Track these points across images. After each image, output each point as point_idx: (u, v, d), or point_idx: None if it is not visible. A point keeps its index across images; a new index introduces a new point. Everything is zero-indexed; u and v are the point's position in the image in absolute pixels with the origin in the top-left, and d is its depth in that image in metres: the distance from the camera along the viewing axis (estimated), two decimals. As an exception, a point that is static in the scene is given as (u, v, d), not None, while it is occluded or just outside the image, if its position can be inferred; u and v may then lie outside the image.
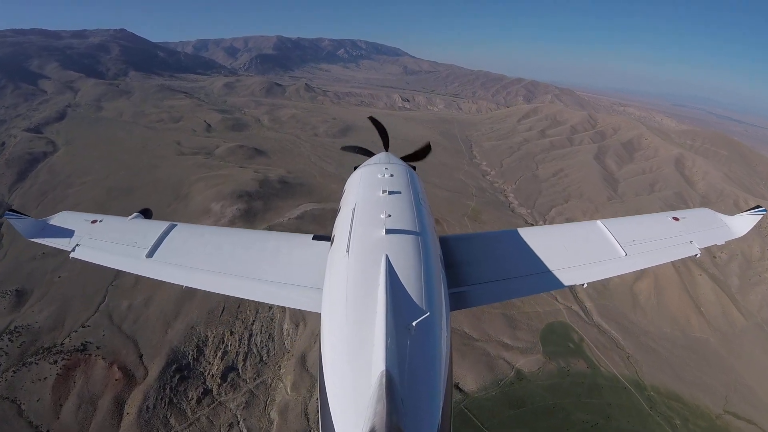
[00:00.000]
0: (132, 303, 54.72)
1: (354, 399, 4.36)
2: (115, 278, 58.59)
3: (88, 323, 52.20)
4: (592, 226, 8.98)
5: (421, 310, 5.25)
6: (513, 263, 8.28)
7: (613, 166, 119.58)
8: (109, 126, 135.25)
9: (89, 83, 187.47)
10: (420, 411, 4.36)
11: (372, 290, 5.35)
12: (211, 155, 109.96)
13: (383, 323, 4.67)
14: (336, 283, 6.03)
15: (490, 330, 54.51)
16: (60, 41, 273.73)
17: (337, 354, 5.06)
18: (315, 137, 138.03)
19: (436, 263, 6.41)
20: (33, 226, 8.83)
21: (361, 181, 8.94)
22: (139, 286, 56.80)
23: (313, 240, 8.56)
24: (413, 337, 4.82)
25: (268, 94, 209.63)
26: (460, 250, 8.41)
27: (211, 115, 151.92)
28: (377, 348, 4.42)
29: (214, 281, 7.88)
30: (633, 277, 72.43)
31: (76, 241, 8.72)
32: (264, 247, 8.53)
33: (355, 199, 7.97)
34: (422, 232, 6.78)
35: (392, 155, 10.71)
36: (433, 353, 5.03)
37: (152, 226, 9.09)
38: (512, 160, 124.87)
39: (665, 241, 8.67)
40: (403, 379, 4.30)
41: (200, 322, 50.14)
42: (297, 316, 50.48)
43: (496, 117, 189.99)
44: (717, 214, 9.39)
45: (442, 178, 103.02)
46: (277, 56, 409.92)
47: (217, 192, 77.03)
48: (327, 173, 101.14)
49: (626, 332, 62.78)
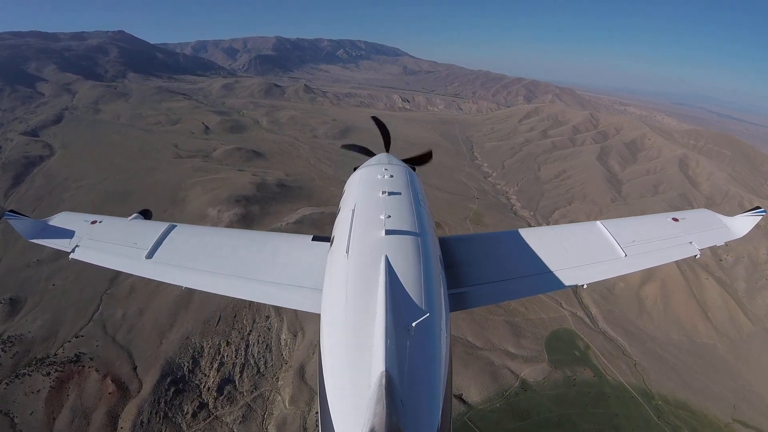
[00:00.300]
0: (126, 312, 53.47)
1: (354, 400, 4.34)
2: (110, 286, 57.40)
3: (81, 333, 50.95)
4: (591, 227, 9.03)
5: (421, 311, 5.24)
6: (512, 264, 8.33)
7: (616, 167, 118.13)
8: (106, 129, 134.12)
9: (87, 85, 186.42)
10: (420, 412, 4.36)
11: (372, 291, 5.34)
12: (208, 158, 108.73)
13: (383, 324, 4.65)
14: (335, 283, 6.05)
15: (493, 338, 53.20)
16: (58, 43, 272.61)
17: (336, 355, 5.05)
18: (314, 139, 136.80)
19: (435, 264, 6.42)
20: (33, 226, 8.85)
21: (361, 181, 8.91)
22: (134, 295, 55.59)
23: (312, 241, 8.56)
24: (413, 337, 4.81)
25: (266, 95, 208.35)
26: (459, 250, 8.43)
27: (209, 117, 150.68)
28: (377, 349, 4.41)
29: (213, 282, 7.86)
30: (639, 281, 71.15)
31: (76, 241, 8.73)
32: (264, 247, 8.54)
33: (355, 199, 7.98)
34: (422, 233, 6.78)
35: (392, 156, 10.68)
36: (433, 354, 5.03)
37: (152, 226, 9.14)
38: (514, 162, 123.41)
39: (665, 242, 8.70)
40: (403, 379, 4.28)
41: (196, 332, 48.85)
42: (295, 326, 49.19)
43: (497, 117, 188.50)
44: (716, 215, 9.45)
45: (442, 179, 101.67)
46: (277, 57, 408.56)
47: (213, 196, 75.78)
48: (326, 176, 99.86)
49: (633, 338, 61.45)
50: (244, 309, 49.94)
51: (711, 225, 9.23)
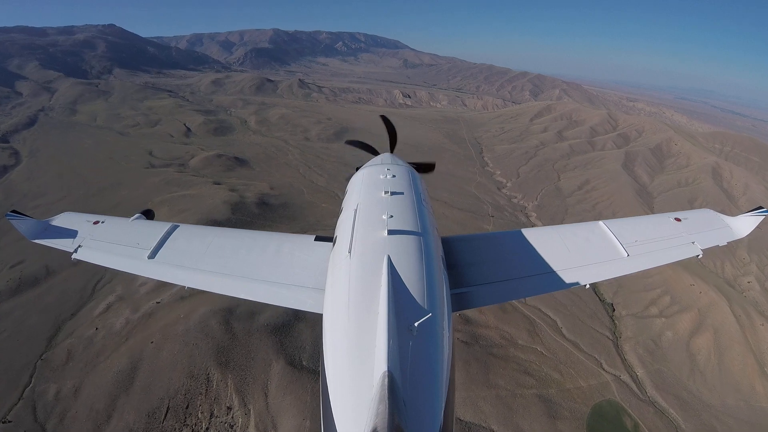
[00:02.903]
0: (61, 389, 40.93)
1: (356, 399, 4.35)
2: (47, 348, 45.40)
3: (9, 417, 38.80)
4: (594, 227, 9.05)
5: (423, 311, 5.26)
6: (515, 264, 8.30)
7: (644, 177, 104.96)
8: (80, 132, 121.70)
9: (67, 83, 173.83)
10: (422, 411, 4.37)
11: (374, 291, 5.39)
12: (184, 167, 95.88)
13: (385, 324, 4.68)
14: (338, 283, 6.07)
15: (523, 423, 41.01)
16: (44, 39, 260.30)
17: (339, 354, 5.05)
18: (306, 142, 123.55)
19: (438, 264, 6.49)
20: (35, 227, 8.86)
21: (364, 181, 9.07)
22: (71, 364, 43.25)
23: (315, 241, 8.57)
24: (415, 337, 4.83)
25: (258, 91, 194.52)
26: (461, 250, 8.43)
27: (193, 117, 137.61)
28: (379, 349, 4.44)
29: (216, 282, 7.84)
30: (689, 330, 58.87)
31: (79, 242, 8.76)
32: (266, 247, 8.49)
33: (358, 199, 8.11)
34: (424, 233, 6.89)
35: (395, 156, 10.96)
36: (435, 354, 5.02)
37: (154, 227, 9.17)
38: (530, 169, 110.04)
39: (667, 242, 8.65)
40: (405, 379, 4.30)
41: (138, 428, 36.55)
42: (265, 421, 36.78)
43: (505, 115, 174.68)
44: (719, 215, 9.40)
45: (452, 193, 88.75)
46: (273, 50, 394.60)
47: (180, 220, 63.08)
48: (317, 188, 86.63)
49: (686, 408, 49.15)
50: (199, 397, 37.61)
51: (713, 225, 9.12)
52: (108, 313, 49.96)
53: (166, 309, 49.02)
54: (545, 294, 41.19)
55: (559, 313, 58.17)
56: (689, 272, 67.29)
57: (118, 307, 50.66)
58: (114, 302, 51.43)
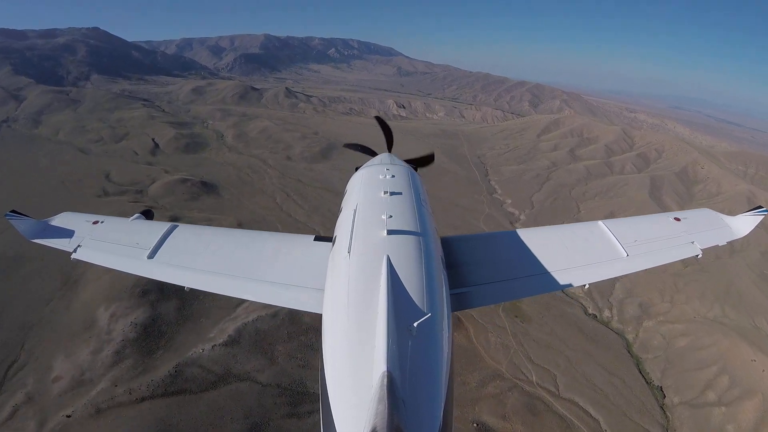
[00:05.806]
0: None
1: (355, 399, 4.29)
2: None
3: None
4: (593, 227, 8.96)
5: (423, 311, 5.18)
6: (514, 264, 8.19)
7: (674, 207, 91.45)
8: (38, 149, 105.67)
9: (36, 91, 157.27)
10: (421, 412, 4.29)
11: (373, 291, 5.30)
12: (141, 194, 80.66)
13: (384, 324, 4.61)
14: (337, 283, 6.03)
15: None
16: (22, 42, 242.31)
17: (338, 354, 4.99)
18: (287, 162, 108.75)
19: (437, 264, 6.42)
20: (34, 226, 8.79)
21: (363, 181, 9.04)
22: None
23: (314, 241, 8.51)
24: (414, 337, 4.74)
25: (241, 100, 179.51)
26: (461, 250, 8.33)
27: (164, 131, 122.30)
28: (378, 349, 4.38)
29: (215, 282, 7.74)
30: (753, 422, 45.70)
31: (78, 241, 8.69)
32: (266, 247, 8.44)
33: (357, 200, 8.06)
34: (423, 233, 6.81)
35: (394, 156, 10.81)
36: (435, 354, 4.95)
37: (154, 227, 9.07)
38: (545, 197, 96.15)
39: (667, 242, 8.55)
40: (405, 379, 4.25)
41: None
42: None
43: (509, 129, 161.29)
44: (718, 215, 9.41)
45: (457, 229, 74.89)
46: (263, 56, 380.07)
47: (111, 284, 48.14)
48: (294, 223, 71.90)
49: None
50: None
51: (713, 224, 9.06)
52: (14, 420, 35.78)
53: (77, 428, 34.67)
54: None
55: (602, 409, 44.27)
56: (748, 342, 54.27)
57: (25, 412, 36.23)
58: (22, 404, 36.92)
